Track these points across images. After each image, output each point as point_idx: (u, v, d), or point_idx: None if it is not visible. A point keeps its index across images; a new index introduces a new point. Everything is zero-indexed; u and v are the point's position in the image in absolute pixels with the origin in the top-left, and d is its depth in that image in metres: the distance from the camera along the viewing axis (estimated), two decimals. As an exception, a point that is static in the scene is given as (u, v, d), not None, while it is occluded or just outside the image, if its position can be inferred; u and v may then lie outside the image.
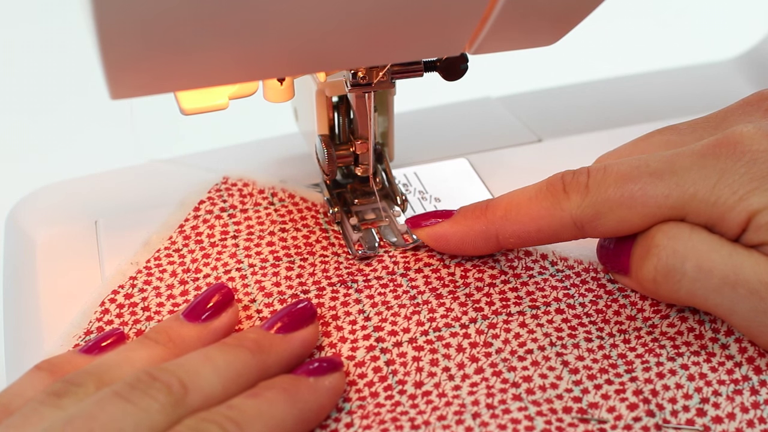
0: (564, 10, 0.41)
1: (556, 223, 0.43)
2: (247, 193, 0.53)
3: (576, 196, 0.43)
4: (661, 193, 0.41)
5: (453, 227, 0.47)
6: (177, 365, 0.39)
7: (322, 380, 0.40)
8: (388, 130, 0.54)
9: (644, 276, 0.43)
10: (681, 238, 0.41)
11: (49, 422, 0.36)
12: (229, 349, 0.40)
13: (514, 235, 0.45)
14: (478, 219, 0.46)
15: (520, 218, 0.44)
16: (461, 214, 0.47)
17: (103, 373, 0.39)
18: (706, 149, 0.41)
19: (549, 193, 0.44)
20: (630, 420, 0.40)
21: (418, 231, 0.48)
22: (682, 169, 0.41)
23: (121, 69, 0.35)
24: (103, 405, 0.36)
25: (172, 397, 0.37)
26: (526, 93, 0.68)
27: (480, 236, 0.46)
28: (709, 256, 0.40)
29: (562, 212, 0.43)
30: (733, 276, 0.40)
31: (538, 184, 0.45)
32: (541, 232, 0.44)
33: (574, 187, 0.43)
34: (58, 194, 0.57)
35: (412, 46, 0.40)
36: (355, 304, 0.46)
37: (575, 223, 0.43)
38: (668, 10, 1.10)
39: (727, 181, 0.40)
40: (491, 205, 0.46)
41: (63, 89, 0.94)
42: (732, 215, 0.40)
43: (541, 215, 0.44)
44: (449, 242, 0.47)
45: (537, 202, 0.44)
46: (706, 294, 0.41)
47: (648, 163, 0.42)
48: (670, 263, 0.41)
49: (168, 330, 0.42)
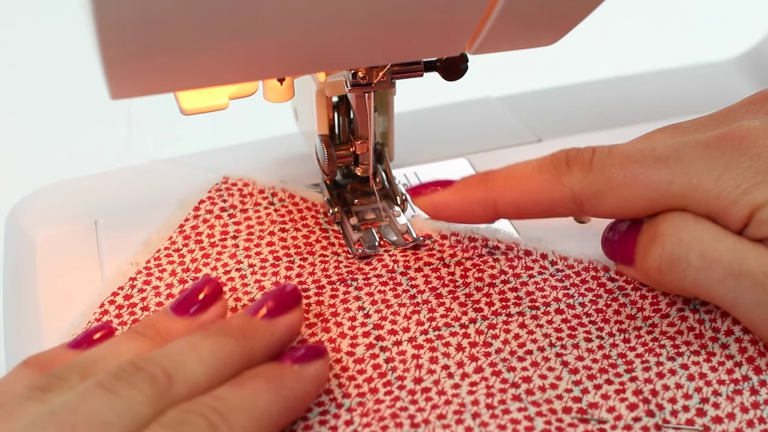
0: (564, 10, 0.41)
1: (555, 197, 0.43)
2: (247, 193, 0.53)
3: (578, 172, 0.43)
4: (665, 179, 0.41)
5: (452, 194, 0.47)
6: (161, 355, 0.38)
7: (307, 368, 0.40)
8: (388, 130, 0.54)
9: (649, 265, 0.42)
10: (686, 228, 0.41)
11: (34, 416, 0.36)
12: (214, 338, 0.40)
13: (513, 204, 0.45)
14: (478, 186, 0.46)
15: (519, 187, 0.44)
16: (461, 183, 0.47)
17: (89, 367, 0.39)
18: (713, 140, 0.41)
19: (551, 166, 0.44)
20: (630, 420, 0.40)
21: (417, 199, 0.48)
22: (688, 158, 0.41)
23: (121, 69, 0.35)
24: (86, 397, 0.36)
25: (156, 388, 0.37)
26: (526, 93, 0.68)
27: (479, 204, 0.46)
28: (714, 246, 0.40)
29: (562, 186, 0.43)
30: (737, 267, 0.40)
31: (542, 157, 0.45)
32: (539, 204, 0.44)
33: (578, 162, 0.43)
34: (58, 194, 0.57)
35: (412, 46, 0.40)
36: (355, 301, 0.46)
37: (575, 198, 0.43)
38: (668, 10, 1.09)
39: (732, 174, 0.40)
40: (492, 173, 0.46)
41: (63, 89, 0.94)
42: (735, 209, 0.40)
43: (541, 187, 0.44)
44: (448, 209, 0.47)
45: (538, 174, 0.44)
46: (710, 284, 0.41)
47: (654, 148, 0.42)
48: (675, 252, 0.41)
49: (155, 324, 0.42)
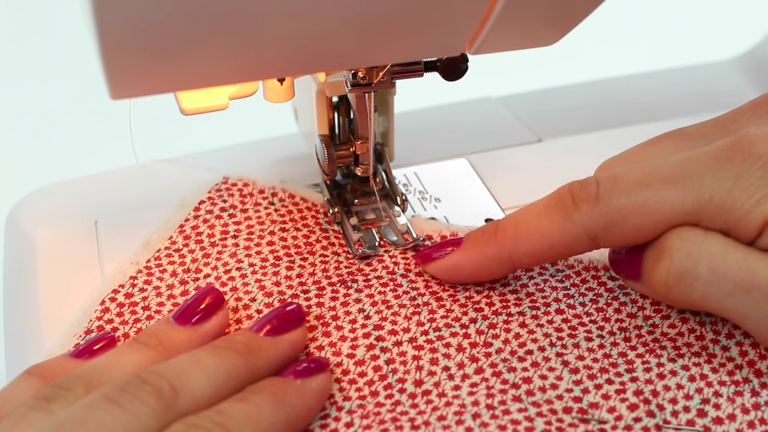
0: (564, 10, 0.41)
1: (569, 237, 0.42)
2: (248, 193, 0.53)
3: (586, 207, 0.41)
4: (677, 199, 0.40)
5: (464, 256, 0.45)
6: (167, 368, 0.39)
7: (309, 382, 0.40)
8: (388, 130, 0.54)
9: (656, 279, 0.41)
10: (695, 241, 0.40)
11: (39, 427, 0.36)
12: (219, 352, 0.40)
13: (527, 254, 0.43)
14: (489, 243, 0.44)
15: (531, 236, 0.43)
16: (470, 241, 0.45)
17: (93, 377, 0.39)
18: (720, 152, 0.40)
19: (558, 207, 0.42)
20: (630, 420, 0.40)
21: (429, 266, 0.47)
22: (696, 174, 0.40)
23: (121, 69, 0.35)
24: (92, 409, 0.36)
25: (162, 401, 0.37)
26: (526, 93, 0.68)
27: (493, 261, 0.44)
28: (724, 259, 0.39)
29: (573, 225, 0.42)
30: (747, 280, 0.39)
31: (545, 198, 0.43)
32: (553, 249, 0.43)
33: (584, 197, 0.42)
34: (58, 194, 0.57)
35: (412, 46, 0.40)
36: (355, 303, 0.46)
37: (588, 234, 0.42)
38: (668, 10, 1.10)
39: (743, 184, 0.39)
40: (500, 226, 0.44)
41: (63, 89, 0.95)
42: (748, 219, 0.39)
43: (553, 231, 0.42)
44: (463, 272, 0.46)
45: (547, 218, 0.43)
46: (720, 298, 0.40)
47: (660, 168, 0.41)
48: (683, 266, 0.40)
49: (158, 333, 0.42)
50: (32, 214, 0.55)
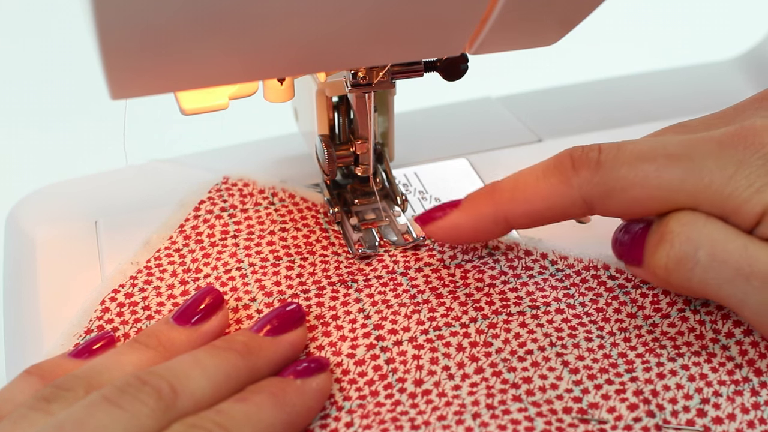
0: (564, 11, 0.41)
1: (565, 201, 0.42)
2: (248, 193, 0.53)
3: (586, 172, 0.42)
4: (677, 177, 0.40)
5: (462, 216, 0.46)
6: (167, 369, 0.39)
7: (309, 382, 0.40)
8: (388, 130, 0.54)
9: (656, 263, 0.41)
10: (695, 226, 0.40)
11: (39, 428, 0.36)
12: (219, 352, 0.40)
13: (524, 215, 0.44)
14: (486, 203, 0.45)
15: (527, 197, 0.43)
16: (469, 202, 0.46)
17: (93, 378, 0.39)
18: (725, 138, 0.41)
19: (557, 170, 0.43)
20: (630, 420, 0.40)
21: (428, 227, 0.47)
22: (699, 156, 0.40)
23: (121, 69, 0.36)
24: (92, 410, 0.36)
25: (162, 402, 0.37)
26: (526, 93, 0.68)
27: (490, 220, 0.45)
28: (724, 246, 0.39)
29: (570, 189, 0.42)
30: (747, 267, 0.39)
31: (546, 161, 0.44)
32: (549, 210, 0.43)
33: (584, 162, 0.42)
34: (58, 194, 0.57)
35: (412, 46, 0.40)
36: (355, 303, 0.46)
37: (584, 199, 0.42)
38: (668, 10, 1.10)
39: (744, 172, 0.39)
40: (498, 187, 0.45)
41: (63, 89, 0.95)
42: (747, 208, 0.39)
43: (550, 193, 0.43)
44: (461, 232, 0.46)
45: (544, 180, 0.43)
46: (719, 284, 0.40)
47: (665, 145, 0.41)
48: (683, 250, 0.40)
49: (158, 334, 0.42)
50: (32, 214, 0.55)
